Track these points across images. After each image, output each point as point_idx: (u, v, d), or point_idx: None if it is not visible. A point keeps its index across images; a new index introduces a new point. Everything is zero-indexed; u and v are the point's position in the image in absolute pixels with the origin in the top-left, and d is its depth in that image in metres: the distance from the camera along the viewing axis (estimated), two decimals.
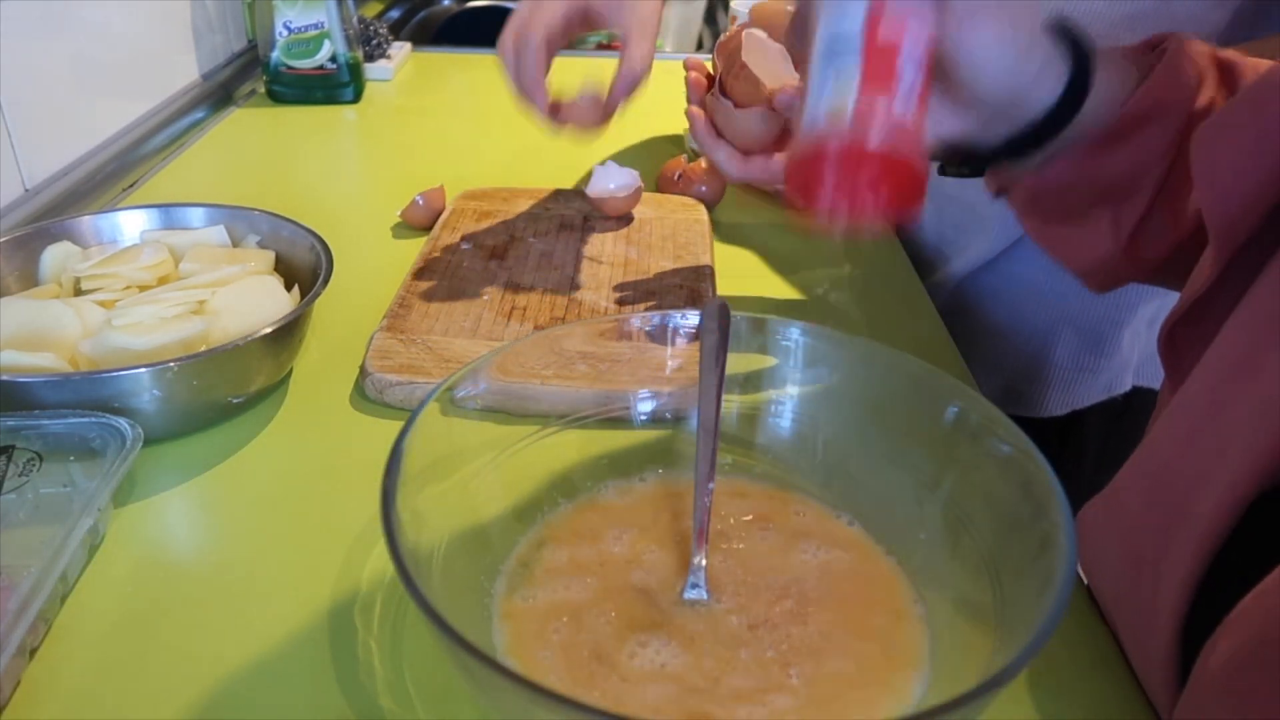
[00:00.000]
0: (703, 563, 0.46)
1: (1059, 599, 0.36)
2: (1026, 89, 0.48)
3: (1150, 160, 0.51)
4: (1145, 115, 0.50)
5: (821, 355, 0.53)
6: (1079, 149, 0.51)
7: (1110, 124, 0.50)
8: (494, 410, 0.49)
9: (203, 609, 0.49)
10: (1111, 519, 0.45)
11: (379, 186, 1.00)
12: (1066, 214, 0.55)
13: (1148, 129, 0.50)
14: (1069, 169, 0.51)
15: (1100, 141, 0.50)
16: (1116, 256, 0.53)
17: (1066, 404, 0.85)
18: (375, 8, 1.63)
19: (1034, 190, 0.54)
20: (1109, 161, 0.51)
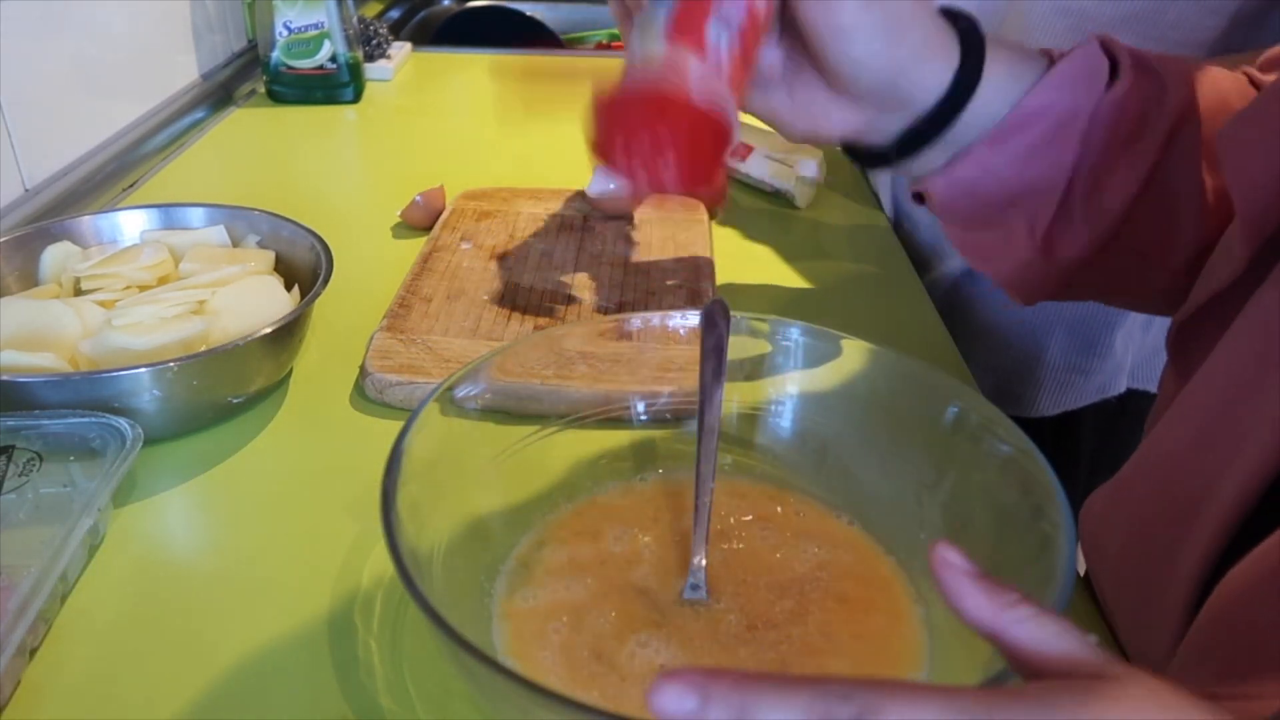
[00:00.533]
0: (703, 563, 0.46)
1: (1059, 599, 0.36)
2: (905, 74, 0.45)
3: (1054, 158, 0.49)
4: (1044, 110, 0.48)
5: (821, 355, 0.53)
6: (981, 145, 0.49)
7: (1009, 117, 0.48)
8: (494, 410, 0.49)
9: (203, 609, 0.49)
10: (1119, 509, 0.45)
11: (379, 186, 1.00)
12: (982, 218, 0.53)
13: (1046, 124, 0.48)
14: (972, 169, 0.50)
15: (1000, 135, 0.48)
16: (1034, 259, 0.52)
17: (1059, 404, 0.85)
18: (375, 8, 1.63)
19: (946, 193, 0.52)
20: (1010, 158, 0.49)
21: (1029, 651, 0.29)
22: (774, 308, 0.54)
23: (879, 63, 0.44)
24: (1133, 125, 0.49)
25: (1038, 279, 0.53)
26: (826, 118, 0.46)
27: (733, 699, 0.25)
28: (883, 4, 0.42)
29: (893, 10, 0.42)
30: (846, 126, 0.48)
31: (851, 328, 0.51)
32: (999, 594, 0.30)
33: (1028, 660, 0.29)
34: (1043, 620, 0.29)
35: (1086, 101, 0.48)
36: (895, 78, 0.45)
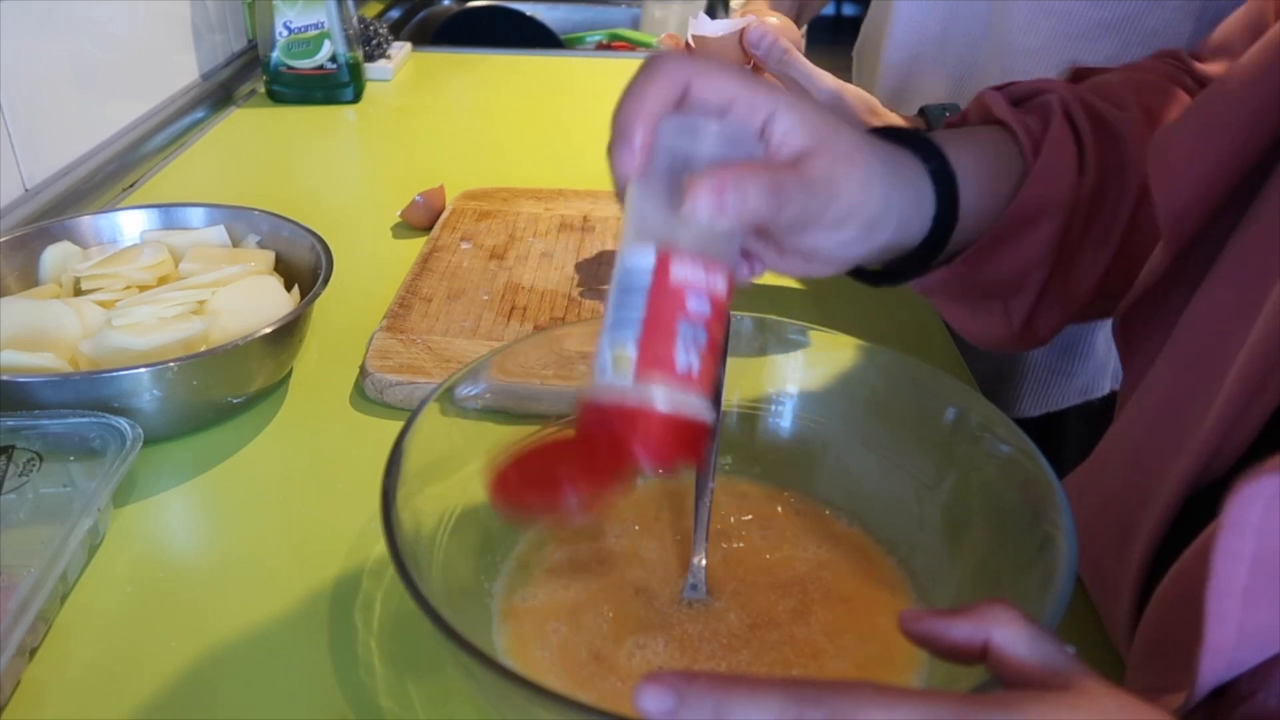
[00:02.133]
0: (703, 562, 0.46)
1: (1059, 599, 0.36)
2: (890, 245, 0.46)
3: (1032, 260, 0.50)
4: (1024, 220, 0.49)
5: (821, 355, 0.53)
6: (961, 260, 0.50)
7: (989, 234, 0.49)
8: (494, 410, 0.49)
9: (202, 609, 0.49)
10: (1085, 496, 0.46)
11: (379, 186, 1.00)
12: (961, 302, 0.55)
13: (1027, 233, 0.49)
14: (951, 276, 0.51)
15: (980, 250, 0.50)
16: (1013, 339, 0.54)
17: (1042, 405, 0.85)
18: (375, 8, 1.63)
19: (923, 288, 0.53)
20: (990, 267, 0.50)
21: (1008, 657, 0.30)
22: (774, 308, 0.54)
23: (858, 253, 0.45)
24: (1098, 208, 0.50)
25: (1017, 348, 0.55)
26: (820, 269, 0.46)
27: (707, 700, 0.26)
28: (851, 216, 0.42)
29: (864, 216, 0.43)
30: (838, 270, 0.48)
31: (851, 328, 0.51)
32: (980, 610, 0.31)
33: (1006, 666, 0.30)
34: (1022, 628, 0.30)
35: (1061, 205, 0.50)
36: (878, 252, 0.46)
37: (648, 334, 0.36)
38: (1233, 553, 0.30)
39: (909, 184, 0.46)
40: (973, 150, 0.49)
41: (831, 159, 0.41)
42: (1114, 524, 0.43)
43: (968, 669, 0.32)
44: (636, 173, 0.39)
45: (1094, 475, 0.47)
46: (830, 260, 0.44)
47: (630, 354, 0.36)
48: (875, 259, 0.48)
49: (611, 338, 0.36)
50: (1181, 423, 0.40)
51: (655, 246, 0.37)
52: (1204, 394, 0.39)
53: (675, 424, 0.36)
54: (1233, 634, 0.31)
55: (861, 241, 0.43)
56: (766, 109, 0.40)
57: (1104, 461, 0.46)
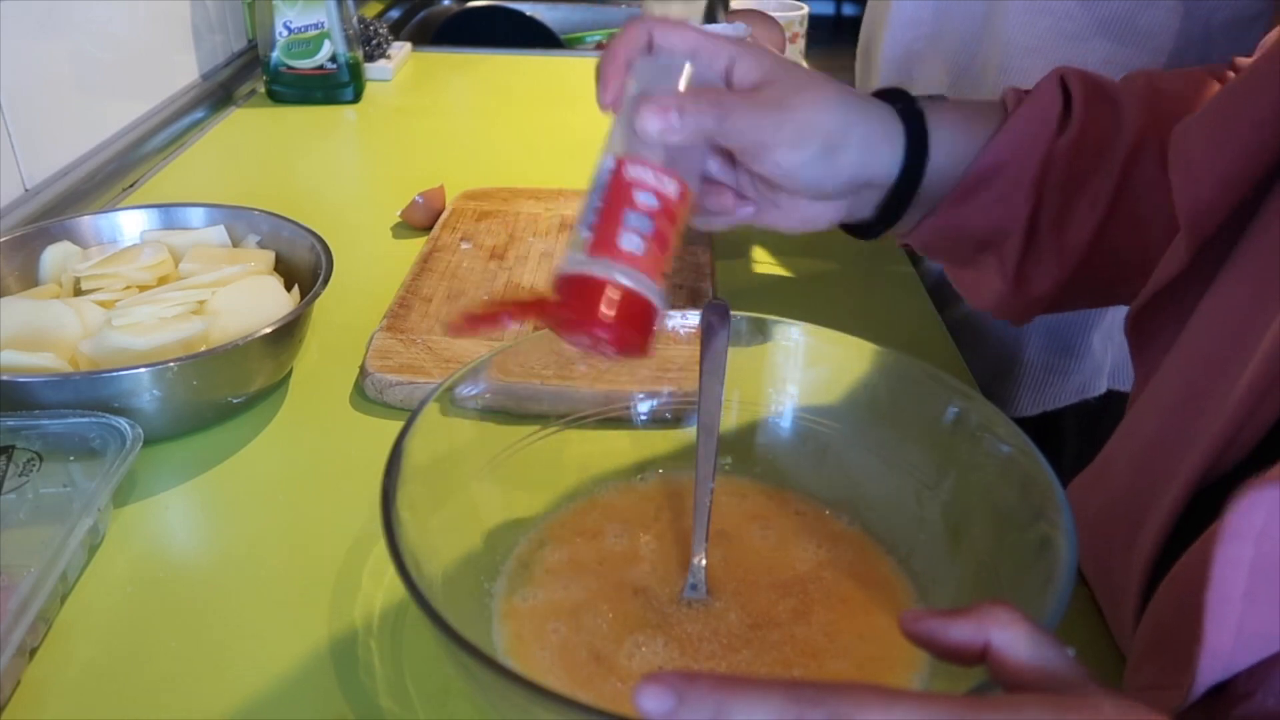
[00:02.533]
0: (703, 562, 0.46)
1: (1059, 599, 0.36)
2: (857, 174, 0.49)
3: (1011, 207, 0.52)
4: (996, 166, 0.52)
5: (821, 355, 0.53)
6: (942, 205, 0.53)
7: (963, 179, 0.52)
8: (494, 410, 0.49)
9: (202, 609, 0.49)
10: (1093, 495, 0.46)
11: (379, 186, 1.00)
12: (958, 259, 0.58)
13: (1000, 178, 0.52)
14: (938, 224, 0.53)
15: (958, 196, 0.52)
16: (1010, 294, 0.55)
17: (1038, 404, 0.85)
18: (375, 8, 1.63)
19: (922, 243, 0.56)
20: (971, 213, 0.53)
21: (1007, 659, 0.30)
22: (774, 308, 0.54)
23: (829, 179, 0.48)
24: (1087, 165, 0.52)
25: (1019, 309, 0.57)
26: (813, 217, 0.52)
27: (707, 700, 0.26)
28: (808, 132, 0.46)
29: (821, 131, 0.47)
30: (831, 217, 0.53)
31: (851, 328, 0.51)
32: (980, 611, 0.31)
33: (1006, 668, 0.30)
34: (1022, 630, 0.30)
35: (1035, 152, 0.52)
36: (849, 179, 0.49)
37: (602, 219, 0.42)
38: (1233, 559, 0.30)
39: (871, 113, 0.50)
40: (954, 104, 0.53)
41: (782, 87, 0.46)
42: (1122, 521, 0.43)
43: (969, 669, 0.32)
44: (613, 105, 0.45)
45: (1102, 473, 0.47)
46: (801, 182, 0.48)
47: (586, 236, 0.42)
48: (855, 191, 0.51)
49: (578, 223, 0.43)
50: (1193, 419, 0.40)
51: (614, 155, 0.43)
52: (1216, 391, 0.39)
53: (618, 291, 0.41)
54: (1231, 637, 0.31)
55: (825, 159, 0.47)
56: (728, 55, 0.46)
57: (1112, 459, 0.46)
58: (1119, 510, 0.44)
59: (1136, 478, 0.43)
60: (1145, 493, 0.41)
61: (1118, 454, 0.46)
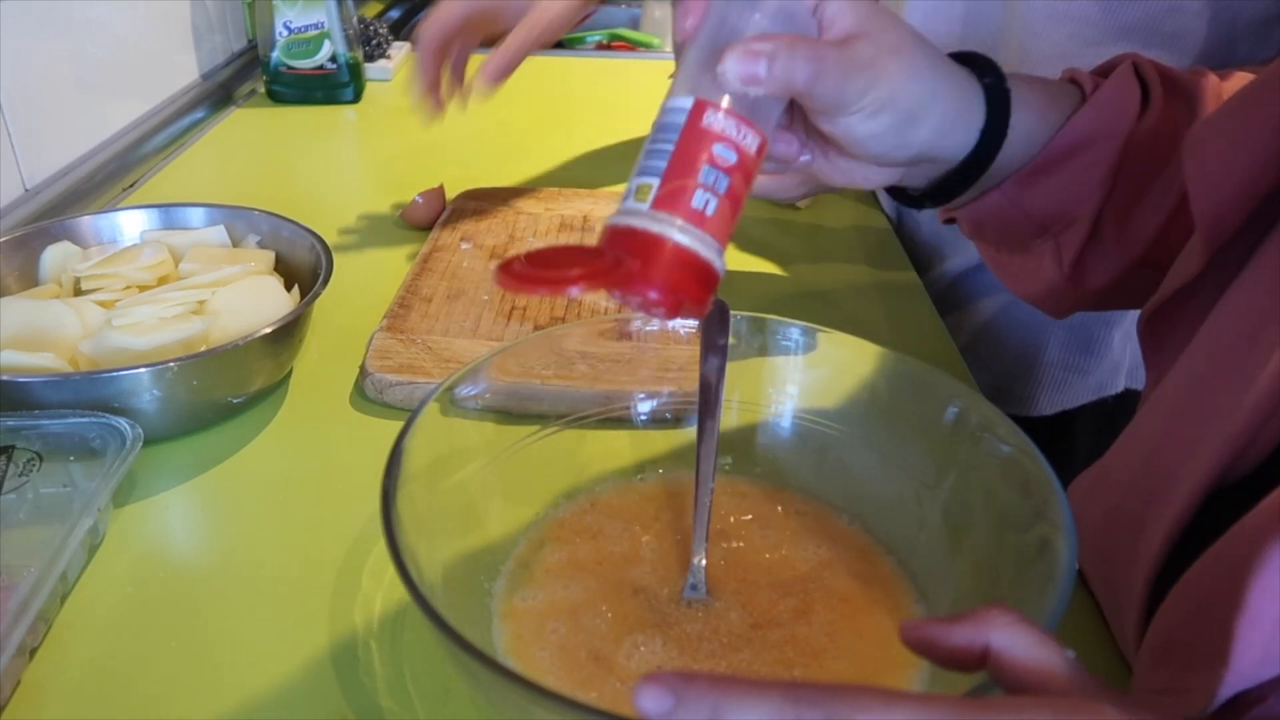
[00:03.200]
0: (703, 562, 0.46)
1: (1059, 599, 0.36)
2: (929, 149, 0.46)
3: (1083, 192, 0.50)
4: (1074, 148, 0.49)
5: (821, 355, 0.53)
6: (1009, 183, 0.50)
7: (1037, 158, 0.49)
8: (494, 410, 0.49)
9: (202, 609, 0.49)
10: (1097, 495, 0.46)
11: (379, 186, 1.00)
12: (1011, 244, 0.55)
13: (1077, 161, 0.49)
14: (1001, 202, 0.50)
15: (1029, 175, 0.49)
16: (1062, 286, 0.53)
17: (1056, 404, 0.85)
18: (375, 8, 1.63)
19: (975, 222, 0.53)
20: (1040, 194, 0.50)
21: (1007, 661, 0.30)
22: (774, 308, 0.54)
23: (898, 150, 0.45)
24: (1161, 156, 0.50)
25: (1067, 301, 0.54)
26: (862, 178, 0.48)
27: (705, 700, 0.26)
28: (890, 104, 0.42)
29: (903, 105, 0.43)
30: (882, 181, 0.49)
31: (851, 328, 0.51)
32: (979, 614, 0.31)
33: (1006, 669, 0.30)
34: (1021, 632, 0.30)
35: (1115, 137, 0.49)
36: (917, 154, 0.46)
37: (672, 169, 0.38)
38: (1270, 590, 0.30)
39: (957, 88, 0.46)
40: (1034, 83, 0.49)
41: (877, 45, 0.42)
42: (1126, 522, 0.43)
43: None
44: (691, 33, 0.41)
45: (1106, 473, 0.46)
46: (866, 151, 0.44)
47: (653, 184, 0.38)
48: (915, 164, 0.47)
49: (641, 167, 0.39)
50: (1203, 424, 0.40)
51: (693, 96, 0.39)
52: (1228, 397, 0.39)
53: (681, 255, 0.37)
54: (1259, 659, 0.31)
55: (897, 133, 0.44)
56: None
57: (1118, 459, 0.46)
58: (1124, 511, 0.43)
59: (1143, 480, 0.43)
60: (1151, 495, 0.41)
61: (1123, 455, 0.46)
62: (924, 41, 0.44)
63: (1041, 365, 0.85)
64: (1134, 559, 0.41)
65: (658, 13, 1.80)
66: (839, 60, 0.41)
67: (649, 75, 1.35)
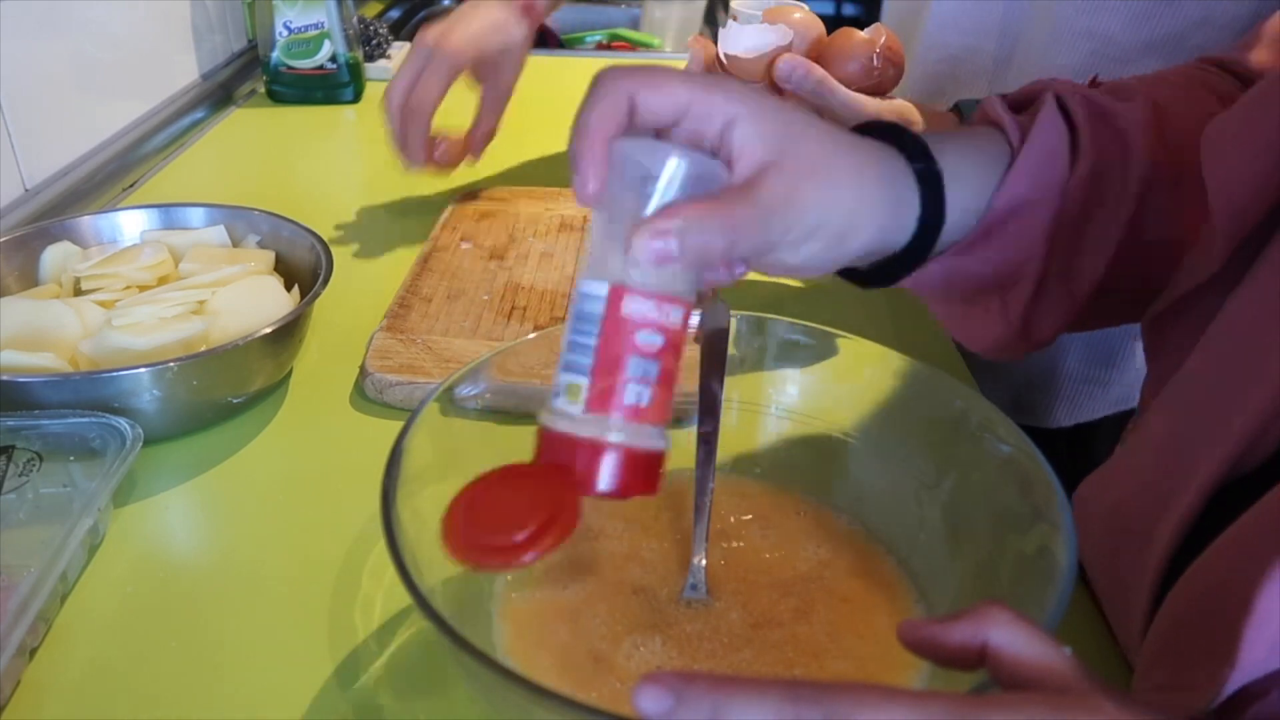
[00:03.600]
0: (702, 562, 0.46)
1: (1059, 599, 0.36)
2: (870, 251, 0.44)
3: (1024, 253, 0.48)
4: (1010, 213, 0.47)
5: (822, 355, 0.53)
6: (949, 255, 0.48)
7: (974, 230, 0.47)
8: (494, 410, 0.49)
9: (202, 609, 0.49)
10: (1102, 497, 0.46)
11: (379, 186, 1.00)
12: (956, 301, 0.53)
13: (1014, 225, 0.47)
14: (942, 273, 0.49)
15: (967, 246, 0.48)
16: (1010, 338, 0.51)
17: (1075, 415, 0.84)
18: (375, 8, 1.63)
19: (917, 287, 0.51)
20: (981, 260, 0.48)
21: (1005, 658, 0.30)
22: (774, 308, 0.54)
23: (834, 263, 0.43)
24: (1097, 199, 0.48)
25: (1015, 349, 0.52)
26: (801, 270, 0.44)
27: (705, 700, 0.26)
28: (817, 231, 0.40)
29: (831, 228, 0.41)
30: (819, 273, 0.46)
31: (851, 328, 0.51)
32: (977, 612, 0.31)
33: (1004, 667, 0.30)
34: (1019, 630, 0.30)
35: (1050, 194, 0.48)
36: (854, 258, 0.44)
37: (599, 366, 0.37)
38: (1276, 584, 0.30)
39: (887, 188, 0.43)
40: (963, 148, 0.47)
41: (792, 174, 0.39)
42: (1133, 522, 0.42)
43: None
44: (592, 200, 0.38)
45: (1112, 474, 0.46)
46: (802, 271, 0.43)
47: (582, 384, 0.37)
48: (859, 262, 0.46)
49: (566, 362, 0.37)
50: (1211, 423, 0.40)
51: (608, 282, 0.37)
52: (1238, 393, 0.38)
53: (624, 455, 0.36)
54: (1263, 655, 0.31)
55: (831, 252, 0.42)
56: (722, 118, 0.38)
57: (1124, 461, 0.46)
58: (1130, 511, 0.43)
59: (1150, 479, 0.43)
60: (1159, 494, 0.41)
61: (1130, 455, 0.46)
62: (842, 148, 0.41)
63: (1061, 377, 0.84)
64: (1140, 558, 0.41)
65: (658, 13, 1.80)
66: (753, 211, 0.38)
67: None
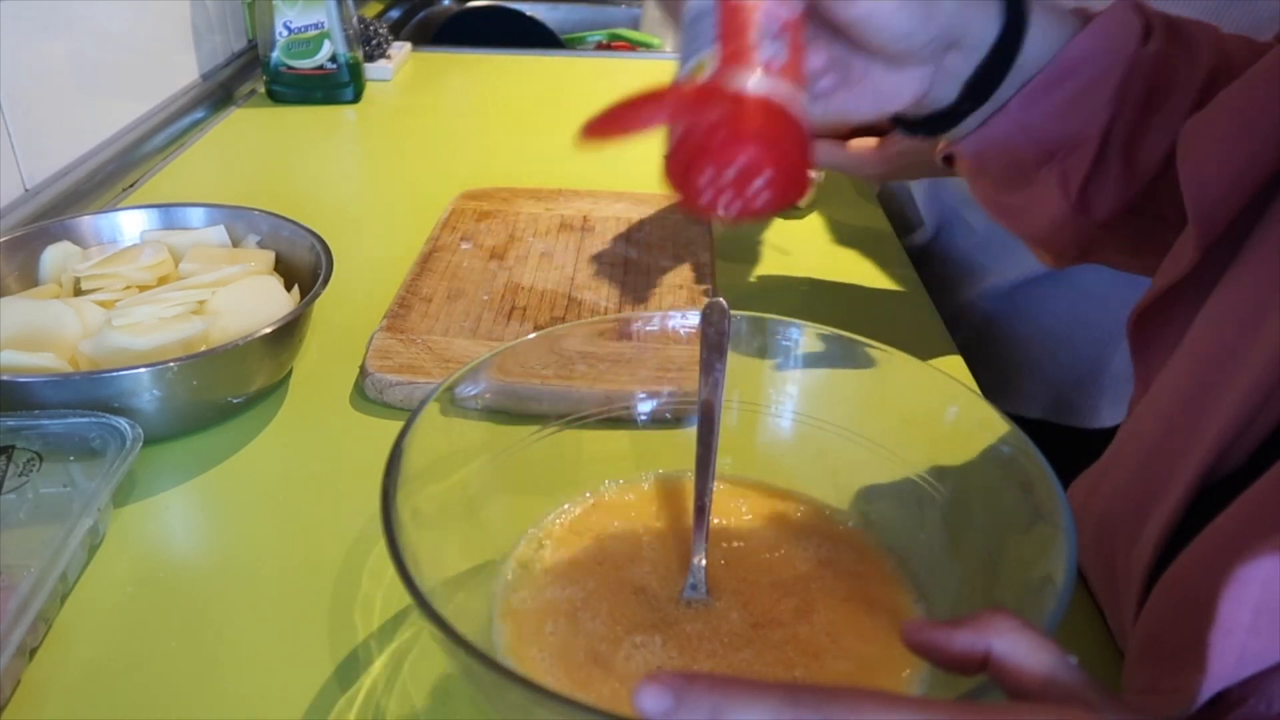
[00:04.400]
0: (702, 563, 0.46)
1: (1060, 599, 0.36)
2: (951, 32, 0.45)
3: (1089, 112, 0.49)
4: (1078, 64, 0.48)
5: (822, 355, 0.53)
6: (1015, 103, 0.49)
7: (1043, 72, 0.48)
8: (494, 410, 0.49)
9: (202, 609, 0.49)
10: (1094, 494, 0.46)
11: (379, 186, 1.00)
12: (1015, 175, 0.53)
13: (1082, 77, 0.49)
14: (1007, 126, 0.50)
15: (1034, 92, 0.49)
16: (1068, 217, 0.51)
17: (1119, 416, 0.83)
18: (375, 8, 1.63)
19: (979, 151, 0.52)
20: (1045, 114, 0.49)
21: (1009, 666, 0.30)
22: (774, 308, 0.54)
23: (921, 29, 0.44)
24: (1165, 85, 0.49)
25: (1069, 237, 0.53)
26: (889, 91, 0.47)
27: (706, 700, 0.26)
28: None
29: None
30: (911, 92, 0.48)
31: (851, 328, 0.51)
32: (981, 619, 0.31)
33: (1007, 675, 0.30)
34: (1023, 637, 0.30)
35: (1121, 56, 0.49)
36: (940, 32, 0.45)
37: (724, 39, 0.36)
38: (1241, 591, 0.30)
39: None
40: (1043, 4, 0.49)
41: None
42: (1124, 521, 0.43)
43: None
44: None
45: (1104, 474, 0.47)
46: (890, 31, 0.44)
47: (709, 54, 0.36)
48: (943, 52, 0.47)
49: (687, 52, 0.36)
50: (1196, 419, 0.40)
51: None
52: (1220, 392, 0.39)
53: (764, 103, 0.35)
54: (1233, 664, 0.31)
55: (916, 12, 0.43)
56: None
57: (1115, 460, 0.46)
58: (1121, 510, 0.43)
59: (1139, 478, 0.43)
60: (1148, 493, 0.41)
61: (1120, 455, 0.46)
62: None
63: (1106, 376, 0.83)
64: (1130, 558, 0.42)
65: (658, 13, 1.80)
66: None
67: (649, 75, 1.35)
